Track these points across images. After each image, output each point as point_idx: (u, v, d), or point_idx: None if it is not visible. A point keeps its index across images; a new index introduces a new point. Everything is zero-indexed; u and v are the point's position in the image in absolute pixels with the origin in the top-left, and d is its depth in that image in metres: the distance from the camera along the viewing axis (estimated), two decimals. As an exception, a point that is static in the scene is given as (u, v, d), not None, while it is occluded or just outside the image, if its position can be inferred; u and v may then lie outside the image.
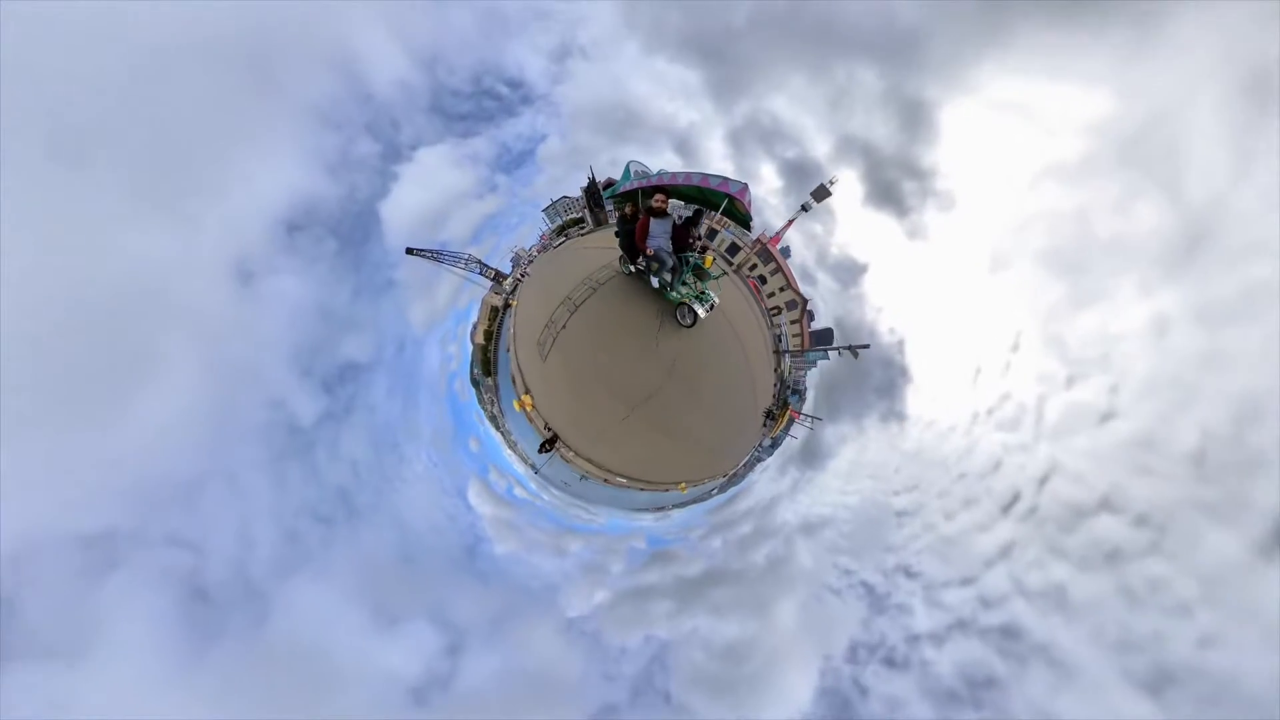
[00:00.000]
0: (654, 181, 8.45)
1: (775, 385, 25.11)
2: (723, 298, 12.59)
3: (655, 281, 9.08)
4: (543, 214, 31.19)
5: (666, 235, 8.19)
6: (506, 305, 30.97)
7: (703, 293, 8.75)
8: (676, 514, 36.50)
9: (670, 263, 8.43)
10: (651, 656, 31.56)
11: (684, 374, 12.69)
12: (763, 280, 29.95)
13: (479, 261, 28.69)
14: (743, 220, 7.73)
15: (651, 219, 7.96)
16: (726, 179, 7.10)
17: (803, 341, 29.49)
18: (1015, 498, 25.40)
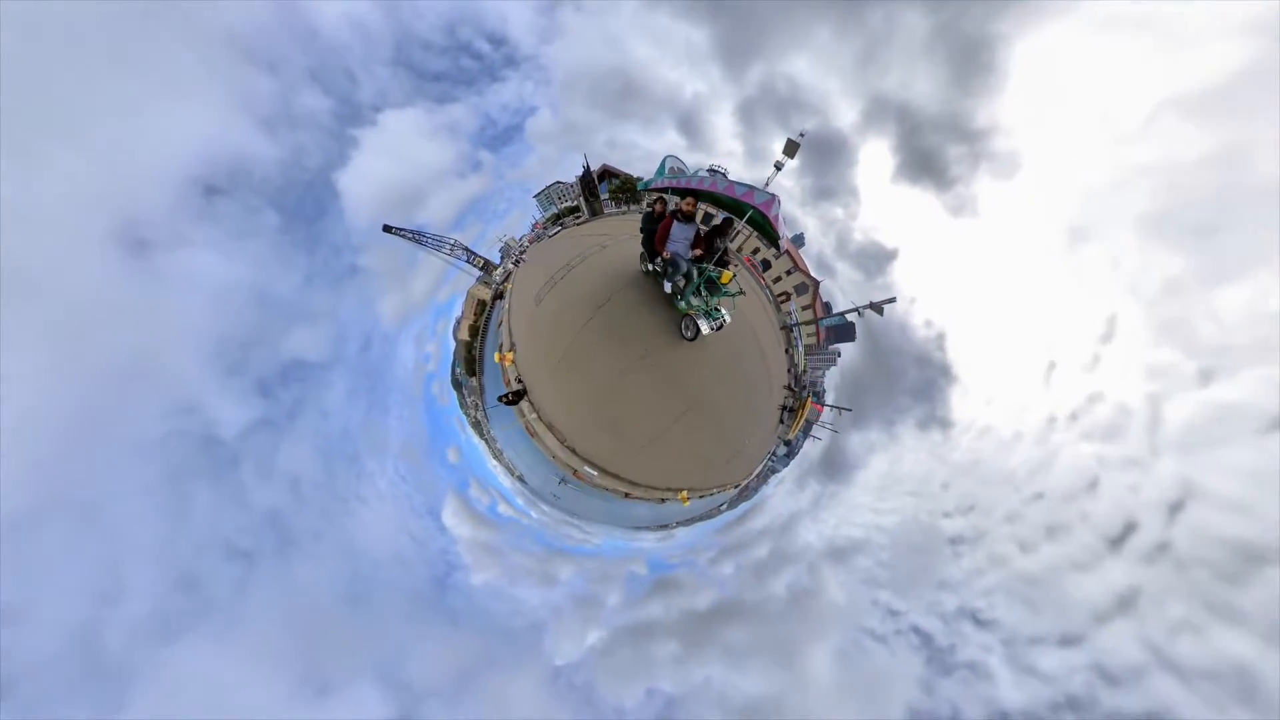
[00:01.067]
0: (685, 183, 8.04)
1: (789, 374, 22.07)
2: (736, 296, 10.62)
3: (667, 286, 8.53)
4: (535, 200, 29.38)
5: (688, 241, 7.56)
6: (499, 296, 28.85)
7: (714, 309, 8.10)
8: (681, 533, 32.83)
9: (684, 269, 7.74)
10: (656, 718, 27.29)
11: (690, 370, 11.16)
12: (766, 265, 27.39)
13: (465, 248, 26.74)
14: (769, 235, 7.18)
15: (675, 222, 7.40)
16: (753, 189, 6.44)
17: (817, 336, 26.66)
18: (1129, 528, 20.73)
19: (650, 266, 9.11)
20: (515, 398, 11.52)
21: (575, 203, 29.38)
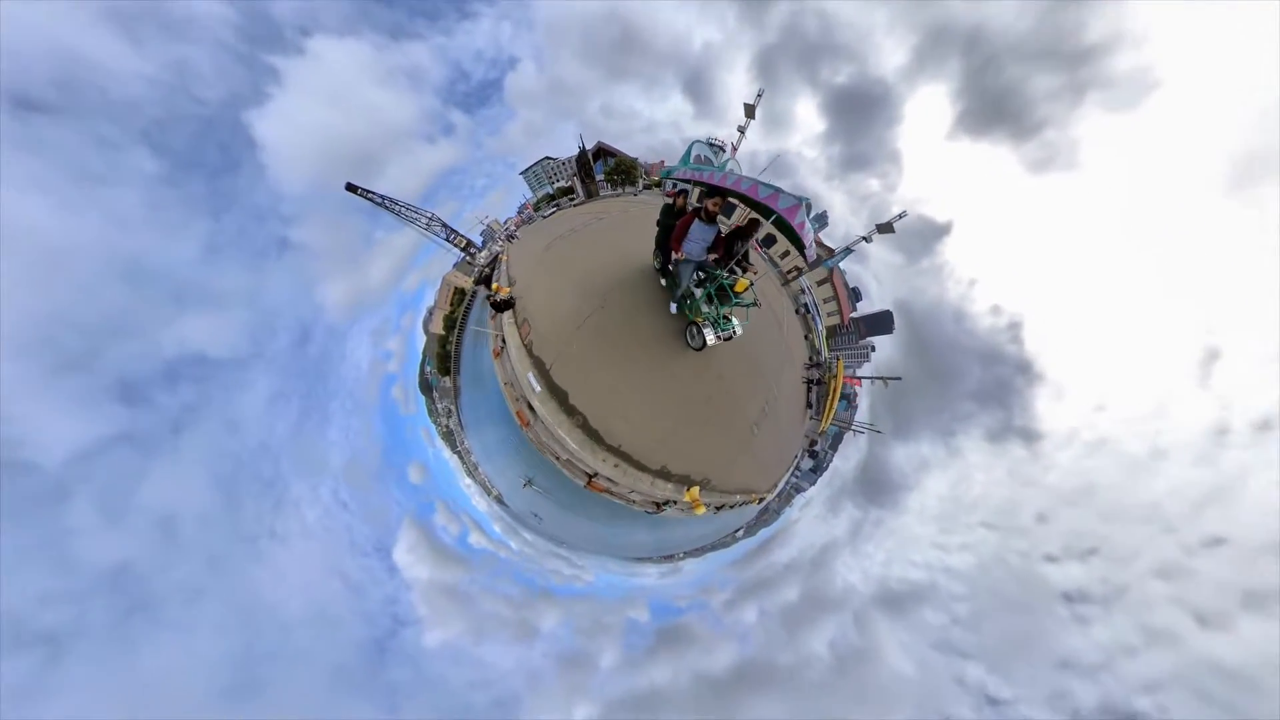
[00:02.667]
0: (709, 177, 7.03)
1: (810, 357, 18.51)
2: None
3: (677, 291, 7.90)
4: (522, 178, 26.94)
5: (706, 244, 6.68)
6: (483, 282, 25.42)
7: (724, 318, 7.23)
8: (689, 567, 27.83)
9: (685, 281, 7.18)
10: None
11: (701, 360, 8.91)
12: (770, 241, 24.24)
13: (444, 224, 23.81)
14: (795, 242, 6.05)
15: (696, 221, 6.41)
16: (779, 191, 5.26)
17: (840, 313, 23.16)
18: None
19: (663, 263, 8.53)
20: (503, 305, 9.93)
21: (569, 183, 26.88)
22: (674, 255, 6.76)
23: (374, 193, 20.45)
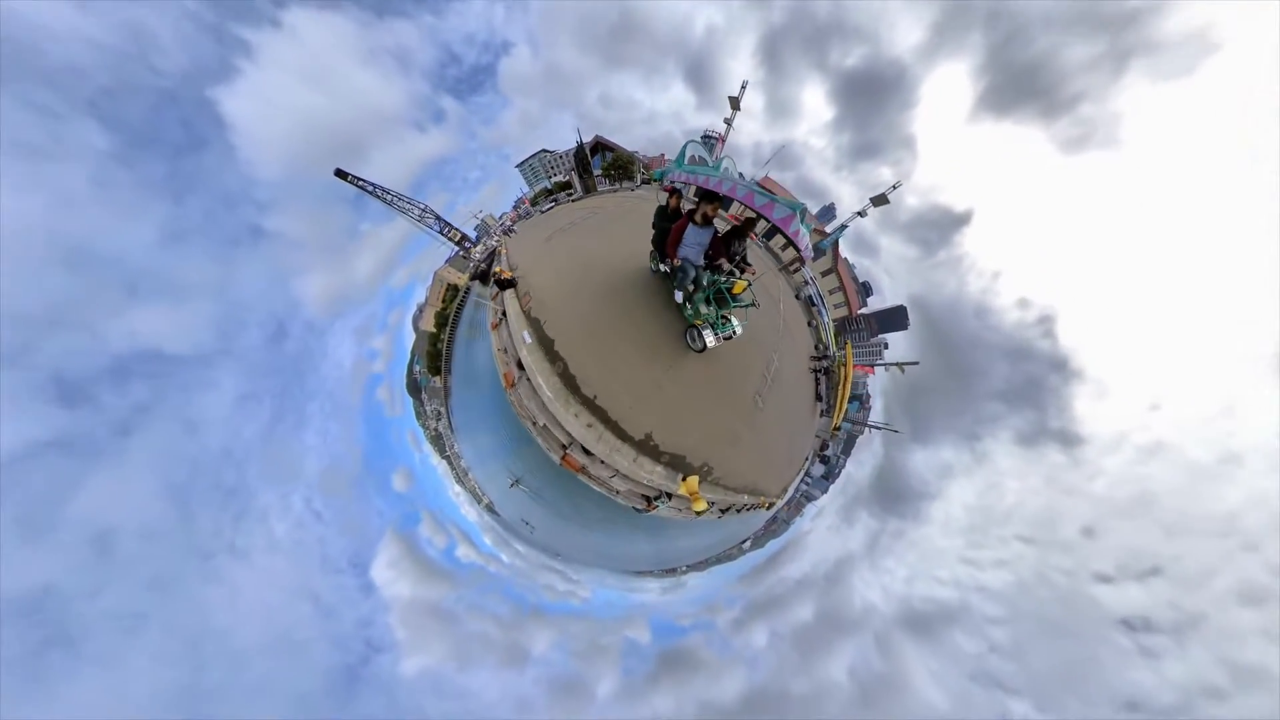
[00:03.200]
0: (704, 182, 6.53)
1: (815, 346, 17.40)
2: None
3: (678, 295, 7.64)
4: (518, 172, 26.47)
5: (702, 248, 6.50)
6: (479, 277, 24.43)
7: (723, 318, 7.01)
8: (692, 581, 25.94)
9: (694, 277, 6.78)
10: None
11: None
12: (772, 233, 23.30)
13: (437, 216, 23.13)
14: (793, 244, 5.82)
15: (691, 225, 6.30)
16: (774, 200, 5.28)
17: (849, 307, 21.96)
18: None
19: (660, 268, 8.42)
20: (506, 284, 9.71)
21: (567, 177, 26.35)
22: (670, 260, 6.67)
23: (365, 180, 19.79)
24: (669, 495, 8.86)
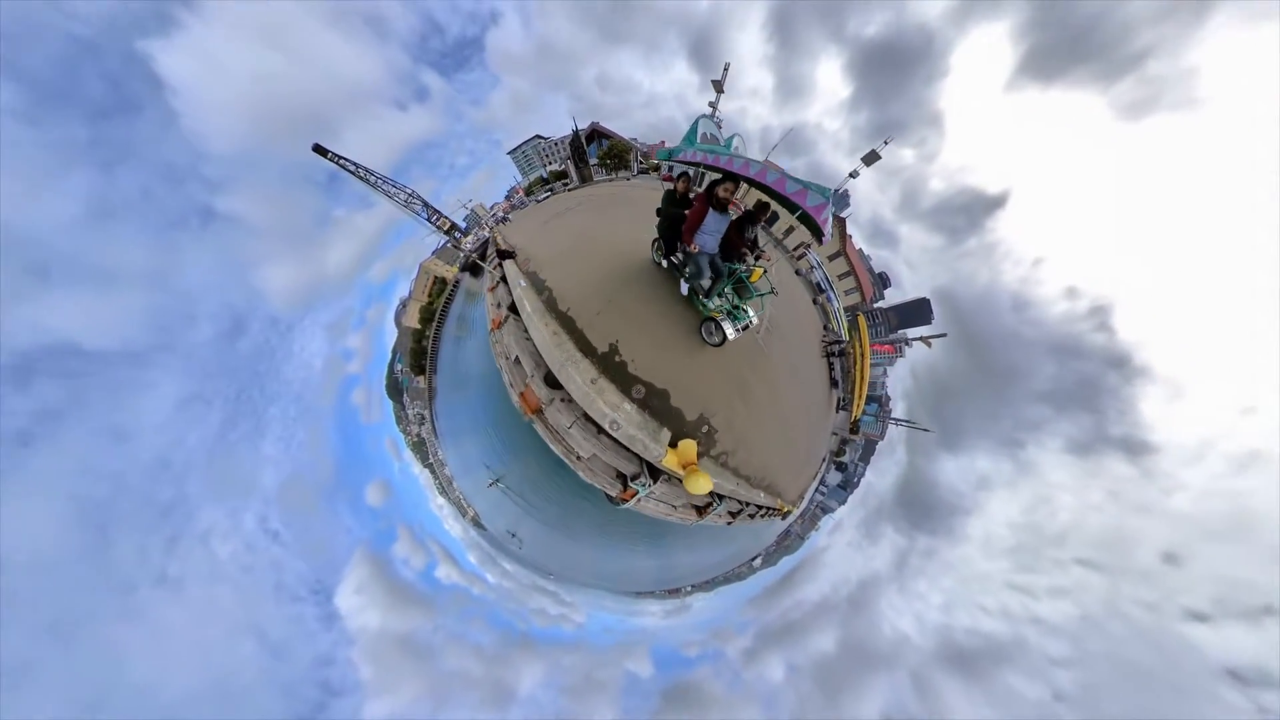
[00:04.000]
0: (726, 163, 6.20)
1: (826, 331, 15.90)
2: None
3: (684, 287, 7.15)
4: (510, 159, 25.13)
5: (720, 235, 6.20)
6: (471, 269, 22.29)
7: (738, 308, 6.65)
8: (699, 603, 23.64)
9: (706, 274, 6.57)
10: None
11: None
12: (774, 218, 22.02)
13: (424, 201, 21.49)
14: (814, 231, 5.78)
15: (710, 210, 5.95)
16: (807, 187, 5.22)
17: (861, 293, 20.39)
18: None
19: (667, 259, 7.77)
20: (506, 254, 9.15)
21: (562, 166, 25.05)
22: (687, 248, 6.32)
23: (348, 159, 18.16)
24: (651, 471, 6.59)
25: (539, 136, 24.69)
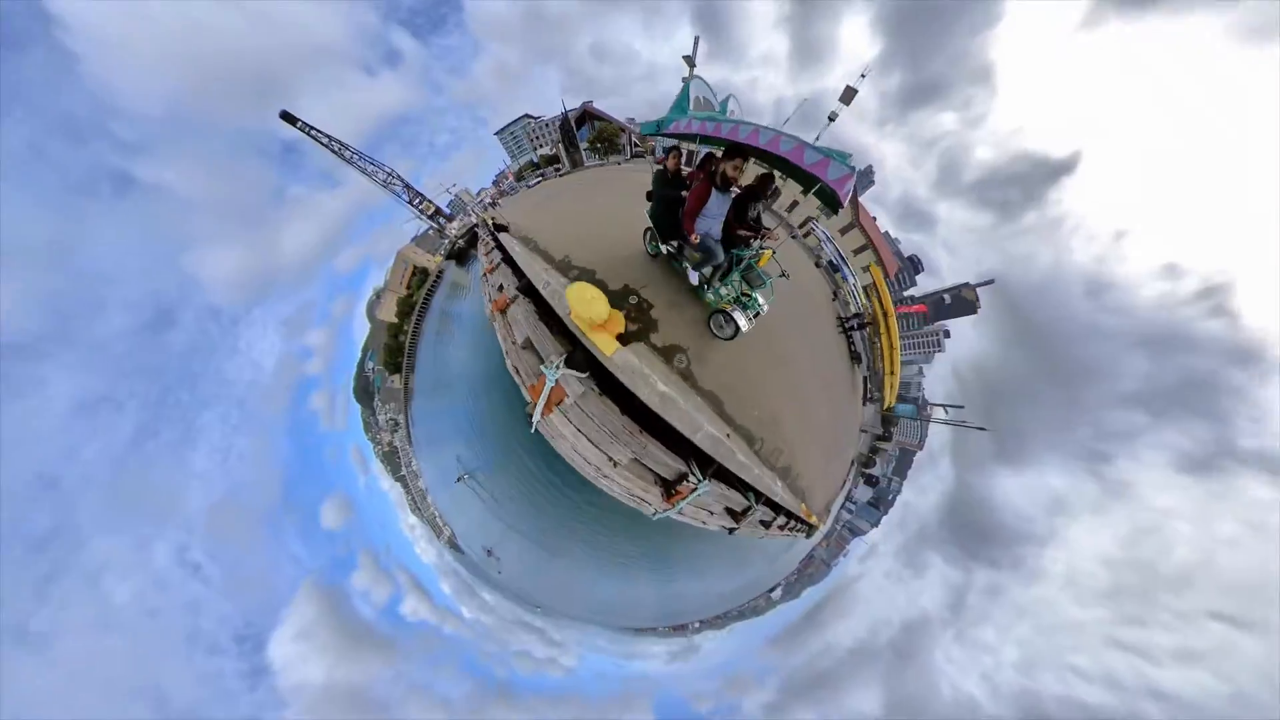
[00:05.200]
0: (724, 133, 5.46)
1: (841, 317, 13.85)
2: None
3: (694, 277, 6.48)
4: (498, 140, 23.42)
5: (723, 219, 5.60)
6: (456, 257, 19.87)
7: (748, 295, 6.20)
8: (708, 642, 20.30)
9: (720, 257, 5.86)
10: None
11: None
12: (775, 192, 19.94)
13: (406, 183, 19.45)
14: (830, 201, 4.90)
15: (713, 190, 5.36)
16: (829, 156, 4.61)
17: (883, 265, 17.87)
18: None
19: (662, 248, 6.59)
20: (501, 227, 8.17)
21: (554, 150, 23.34)
22: (688, 238, 5.59)
23: (320, 130, 16.27)
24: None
25: (528, 116, 23.13)
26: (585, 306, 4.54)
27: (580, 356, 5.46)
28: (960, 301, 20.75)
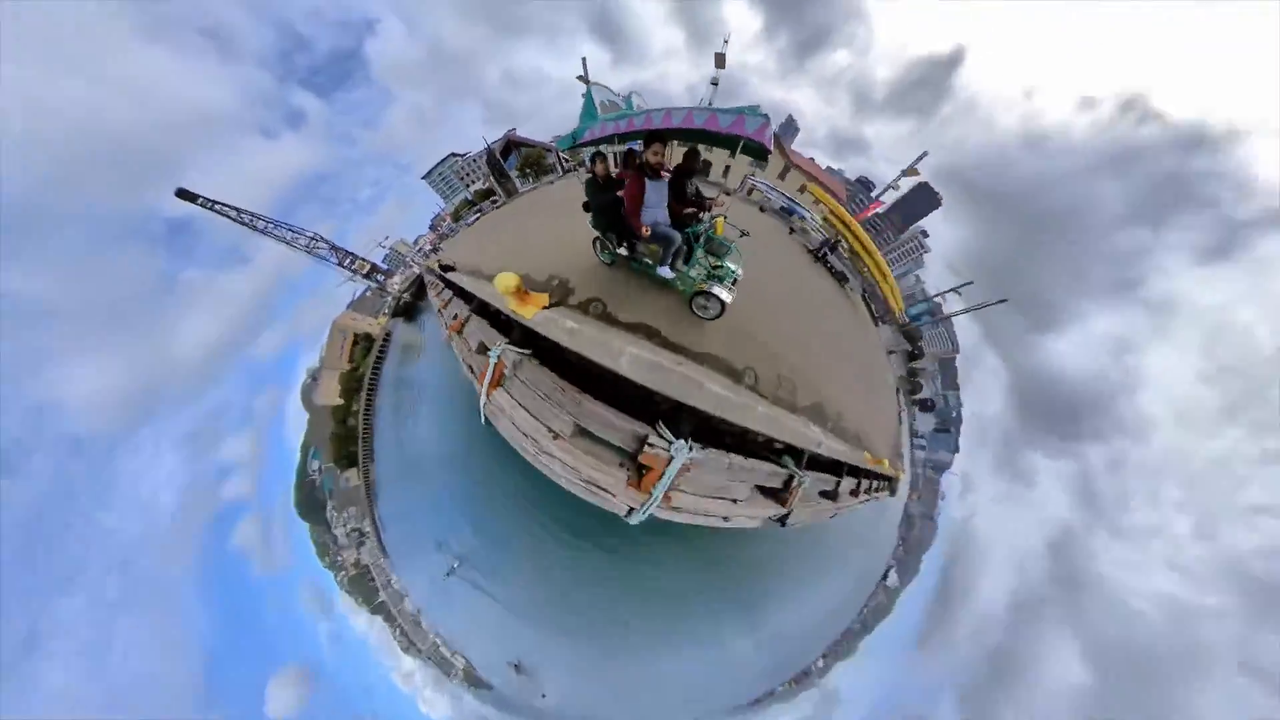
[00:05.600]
0: (638, 125, 5.76)
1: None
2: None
3: (667, 271, 6.61)
4: (427, 184, 21.90)
5: (664, 203, 5.89)
6: (404, 314, 15.83)
7: (718, 267, 6.31)
8: (843, 679, 15.55)
9: (677, 239, 6.15)
10: None
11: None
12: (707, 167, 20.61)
13: (331, 244, 16.56)
14: (758, 153, 4.96)
15: (647, 181, 5.52)
16: (741, 113, 4.97)
17: (835, 195, 17.75)
18: None
19: (616, 252, 6.69)
20: (447, 268, 8.09)
21: (487, 184, 22.35)
22: (639, 235, 5.68)
23: (225, 204, 13.86)
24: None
25: (454, 154, 22.27)
26: (502, 282, 4.94)
27: (519, 334, 5.32)
28: (922, 193, 21.12)
